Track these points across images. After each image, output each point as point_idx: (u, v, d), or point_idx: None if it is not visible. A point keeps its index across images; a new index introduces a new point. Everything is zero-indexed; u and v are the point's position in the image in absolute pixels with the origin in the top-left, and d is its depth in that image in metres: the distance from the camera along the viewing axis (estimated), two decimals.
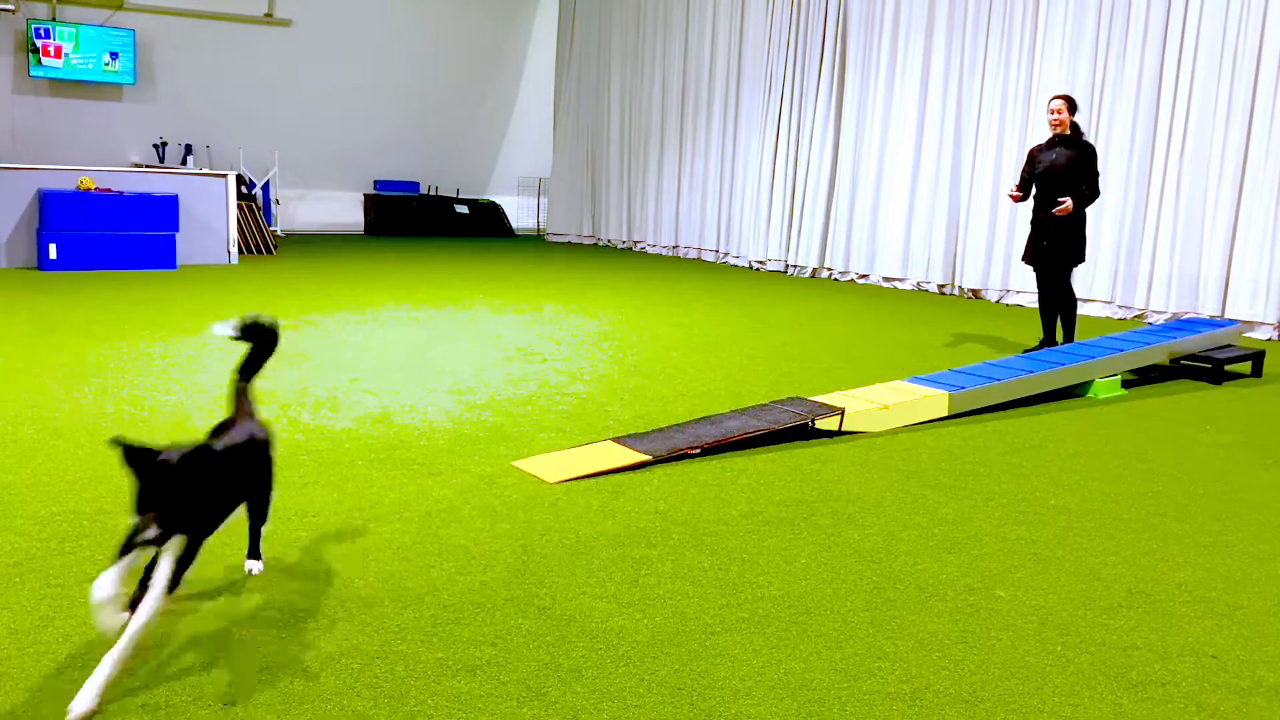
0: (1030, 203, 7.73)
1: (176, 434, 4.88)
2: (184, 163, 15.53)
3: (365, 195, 18.04)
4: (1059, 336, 7.74)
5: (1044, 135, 11.22)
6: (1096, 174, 7.43)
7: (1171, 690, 2.80)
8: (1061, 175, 7.39)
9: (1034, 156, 7.65)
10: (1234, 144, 9.57)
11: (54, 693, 2.56)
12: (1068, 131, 7.43)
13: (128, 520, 2.67)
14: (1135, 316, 10.31)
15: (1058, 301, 7.67)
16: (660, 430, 5.14)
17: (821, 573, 3.52)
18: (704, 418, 5.36)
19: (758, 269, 14.31)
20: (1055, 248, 7.49)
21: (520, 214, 19.79)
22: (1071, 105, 7.46)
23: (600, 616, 3.11)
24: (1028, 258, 7.74)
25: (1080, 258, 7.57)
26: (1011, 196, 7.68)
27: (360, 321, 8.42)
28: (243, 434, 3.08)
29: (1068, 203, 7.27)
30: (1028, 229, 7.86)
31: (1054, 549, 3.83)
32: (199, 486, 2.63)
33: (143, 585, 2.69)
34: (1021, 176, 7.71)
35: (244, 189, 14.00)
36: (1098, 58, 10.54)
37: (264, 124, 16.56)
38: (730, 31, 15.02)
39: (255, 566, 3.32)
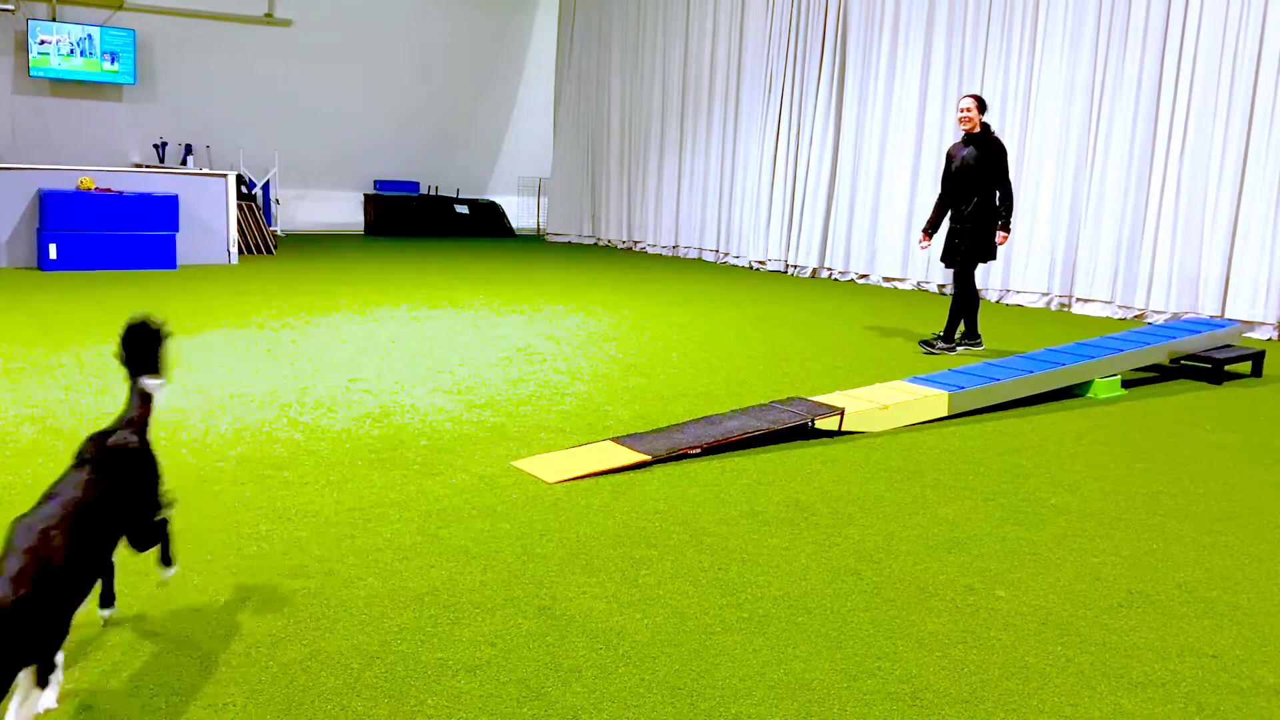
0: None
1: (176, 433, 4.89)
2: (184, 163, 15.51)
3: (365, 195, 18.03)
4: (957, 333, 8.03)
5: (1044, 135, 11.21)
6: (1006, 170, 7.71)
7: (1171, 690, 2.80)
8: (971, 173, 7.72)
9: (949, 155, 7.98)
10: (1234, 144, 9.56)
11: None
12: (977, 130, 7.69)
13: None
14: (1135, 316, 10.30)
15: (960, 298, 7.97)
16: (660, 430, 5.14)
17: (821, 573, 3.52)
18: (704, 418, 5.36)
19: (758, 269, 14.30)
20: (964, 246, 7.82)
21: (520, 214, 19.77)
22: (981, 105, 7.73)
23: (600, 616, 3.11)
24: (943, 257, 8.12)
25: (989, 255, 7.90)
26: (921, 245, 8.17)
27: (360, 321, 8.42)
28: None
29: (1004, 236, 7.75)
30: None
31: (1054, 549, 3.83)
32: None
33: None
34: (942, 178, 8.03)
35: (244, 189, 13.99)
36: (1098, 58, 10.53)
37: (264, 124, 16.54)
38: (730, 31, 15.01)
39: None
